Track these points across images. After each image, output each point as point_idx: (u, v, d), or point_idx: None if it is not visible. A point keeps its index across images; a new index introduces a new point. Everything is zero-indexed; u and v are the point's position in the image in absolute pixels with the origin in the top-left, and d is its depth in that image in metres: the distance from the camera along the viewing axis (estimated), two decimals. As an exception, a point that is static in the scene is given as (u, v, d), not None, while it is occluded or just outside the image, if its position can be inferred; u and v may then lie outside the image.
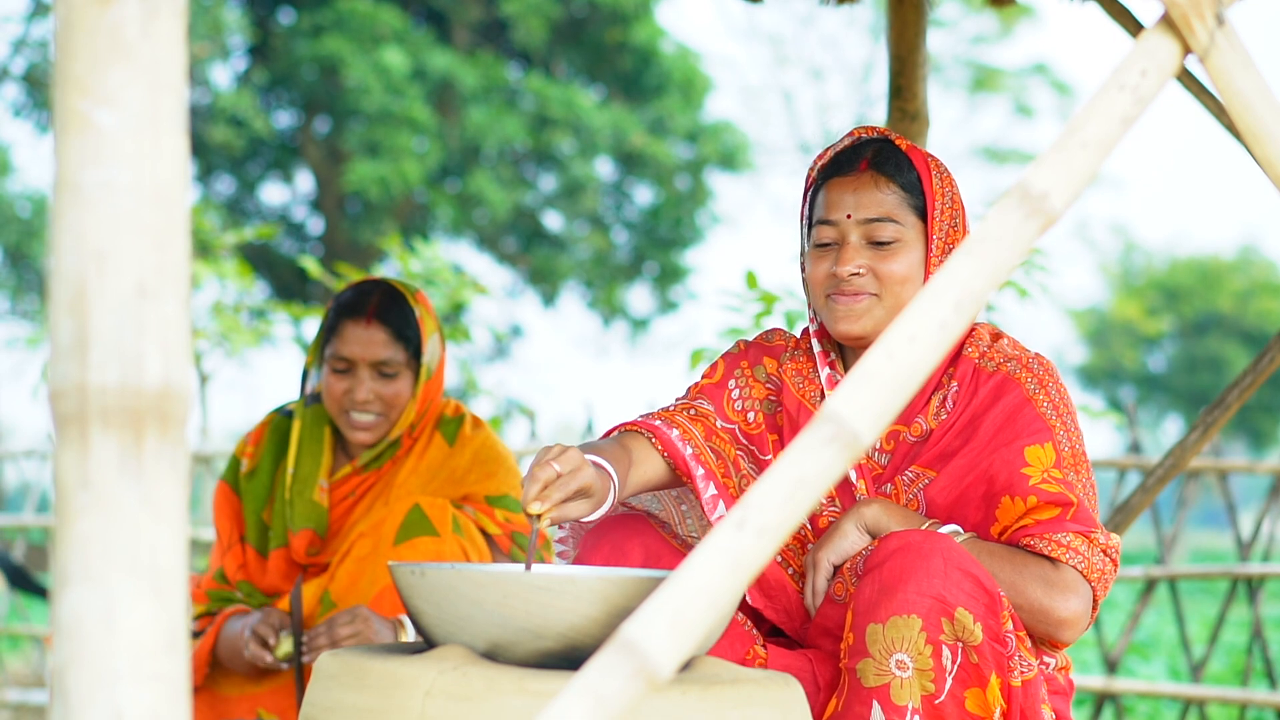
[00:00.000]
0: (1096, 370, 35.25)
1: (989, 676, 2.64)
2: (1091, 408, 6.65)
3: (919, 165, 2.91)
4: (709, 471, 2.91)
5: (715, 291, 6.38)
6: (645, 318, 21.21)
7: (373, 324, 3.63)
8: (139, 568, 1.47)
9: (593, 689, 1.57)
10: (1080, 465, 2.81)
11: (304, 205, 20.45)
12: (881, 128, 2.98)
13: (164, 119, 1.50)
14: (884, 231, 2.86)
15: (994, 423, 2.81)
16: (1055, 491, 2.75)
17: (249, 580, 3.70)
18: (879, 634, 2.64)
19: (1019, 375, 2.83)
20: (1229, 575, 7.12)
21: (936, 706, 2.63)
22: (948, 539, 2.68)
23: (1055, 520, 2.75)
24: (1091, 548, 2.75)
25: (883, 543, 2.72)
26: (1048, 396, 2.82)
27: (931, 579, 2.62)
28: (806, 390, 2.98)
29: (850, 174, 2.90)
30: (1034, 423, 2.79)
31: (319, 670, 2.34)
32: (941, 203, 2.89)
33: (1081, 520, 2.75)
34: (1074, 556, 2.74)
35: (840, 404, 1.68)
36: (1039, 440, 2.78)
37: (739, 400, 3.03)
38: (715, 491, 2.90)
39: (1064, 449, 2.78)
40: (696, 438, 2.94)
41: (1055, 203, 1.76)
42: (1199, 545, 27.69)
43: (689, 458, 2.90)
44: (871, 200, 2.87)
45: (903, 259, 2.86)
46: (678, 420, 2.96)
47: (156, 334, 1.48)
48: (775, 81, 33.16)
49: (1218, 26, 1.80)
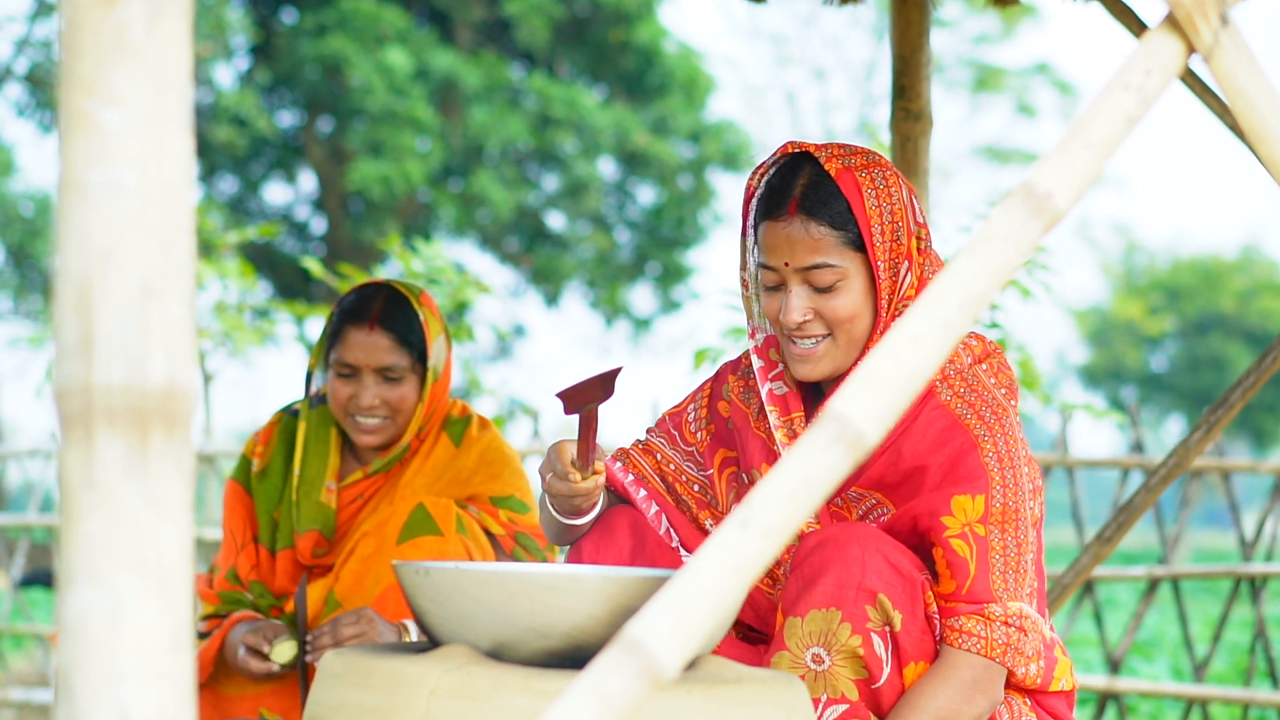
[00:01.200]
0: (1099, 370, 35.25)
1: (919, 661, 2.70)
2: (1094, 407, 6.66)
3: (849, 191, 2.79)
4: (651, 492, 3.06)
5: (718, 291, 6.40)
6: (648, 317, 21.23)
7: (376, 330, 3.62)
8: (144, 567, 1.47)
9: (597, 688, 1.57)
10: (1009, 524, 2.72)
11: (307, 205, 20.47)
12: (809, 144, 2.87)
13: (169, 119, 1.50)
14: (823, 278, 2.79)
15: (940, 468, 2.74)
16: (960, 555, 2.70)
17: (261, 581, 3.70)
18: (797, 627, 2.68)
19: (968, 421, 2.75)
20: (1232, 575, 7.12)
21: (875, 691, 2.68)
22: (866, 528, 2.70)
23: (951, 598, 2.71)
24: (990, 626, 2.70)
25: (805, 539, 2.74)
26: (994, 446, 2.73)
27: (849, 568, 2.64)
28: (752, 404, 2.99)
29: (781, 219, 2.81)
30: (973, 471, 2.72)
31: (324, 669, 2.35)
32: (880, 225, 2.80)
33: (975, 596, 2.70)
34: (972, 642, 2.70)
35: (844, 404, 1.68)
36: (971, 491, 2.71)
37: (694, 424, 3.09)
38: (658, 508, 3.03)
39: (995, 505, 2.71)
40: (645, 469, 3.09)
41: (1059, 202, 1.76)
42: (1201, 545, 27.70)
43: (629, 484, 3.05)
44: (804, 246, 2.78)
45: (845, 297, 2.79)
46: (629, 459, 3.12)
47: (161, 334, 1.48)
48: (778, 81, 33.20)
49: (1222, 26, 1.80)
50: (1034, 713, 2.81)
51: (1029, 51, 57.11)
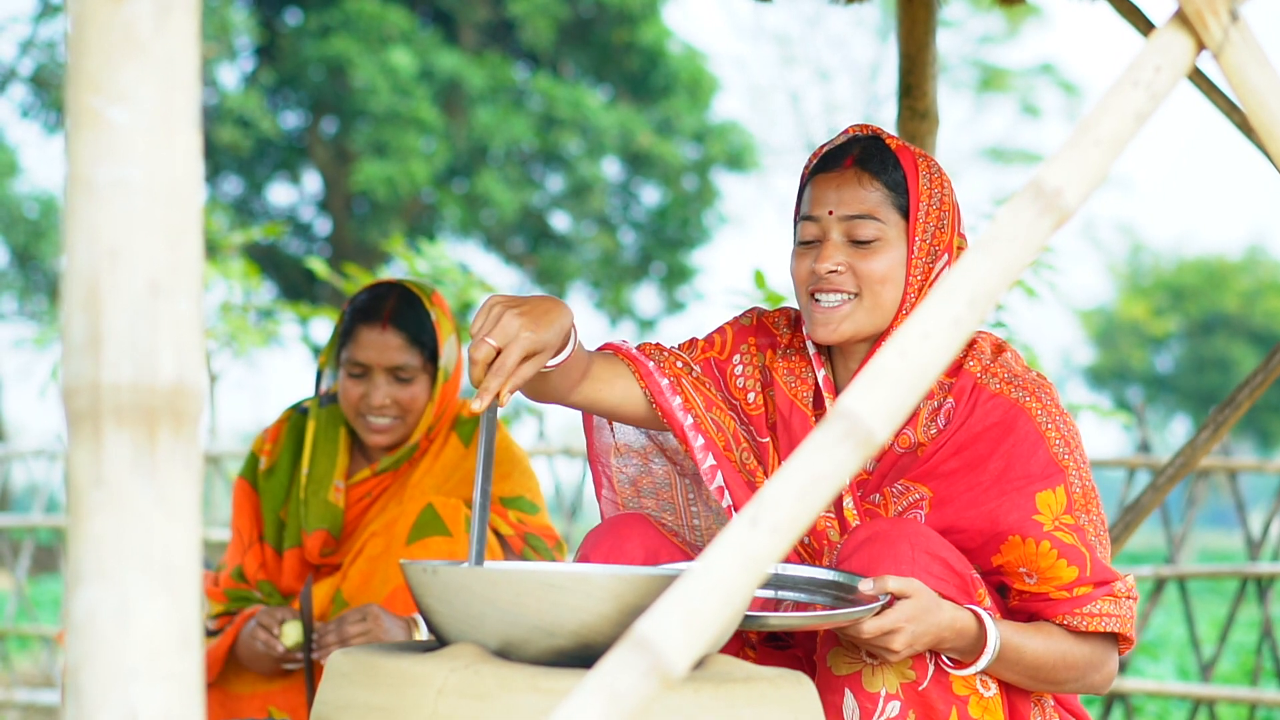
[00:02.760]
0: (1104, 371, 35.23)
1: None
2: (1100, 407, 6.64)
3: (906, 164, 2.84)
4: (708, 441, 2.87)
5: (722, 291, 6.39)
6: (652, 318, 21.23)
7: (388, 329, 3.62)
8: (152, 565, 1.46)
9: (607, 686, 1.56)
10: (1090, 503, 2.74)
11: (311, 206, 20.48)
12: (876, 127, 2.92)
13: (177, 116, 1.50)
14: (865, 229, 2.79)
15: (1004, 458, 2.73)
16: (1069, 543, 2.70)
17: (269, 579, 3.70)
18: None
19: (1028, 405, 2.75)
20: (1238, 575, 7.11)
21: (921, 693, 2.63)
22: (914, 524, 2.67)
23: (1077, 584, 2.70)
24: (1118, 603, 2.73)
25: (853, 534, 2.71)
26: (1059, 431, 2.74)
27: (899, 566, 2.61)
28: (799, 391, 2.92)
29: (835, 170, 2.84)
30: (1047, 466, 2.71)
31: (331, 668, 2.34)
32: (928, 204, 2.82)
33: (1099, 576, 2.71)
34: (1110, 621, 2.72)
35: (854, 402, 1.67)
36: (1050, 485, 2.71)
37: (741, 378, 2.98)
38: (714, 461, 2.86)
39: (1075, 491, 2.72)
40: (697, 406, 2.89)
41: (1069, 199, 1.75)
42: (1208, 545, 27.68)
43: (688, 428, 2.85)
44: (854, 197, 2.81)
45: (882, 258, 2.79)
46: (668, 369, 2.90)
47: (170, 331, 1.48)
48: (782, 81, 33.16)
49: (1231, 22, 1.80)
50: (1056, 712, 2.80)
51: (1033, 52, 57.15)
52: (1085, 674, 2.74)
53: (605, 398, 2.84)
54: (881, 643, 2.55)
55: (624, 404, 2.86)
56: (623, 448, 3.03)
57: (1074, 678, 2.73)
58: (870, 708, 2.62)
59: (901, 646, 2.55)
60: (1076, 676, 2.73)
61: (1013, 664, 2.66)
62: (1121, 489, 6.93)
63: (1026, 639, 2.68)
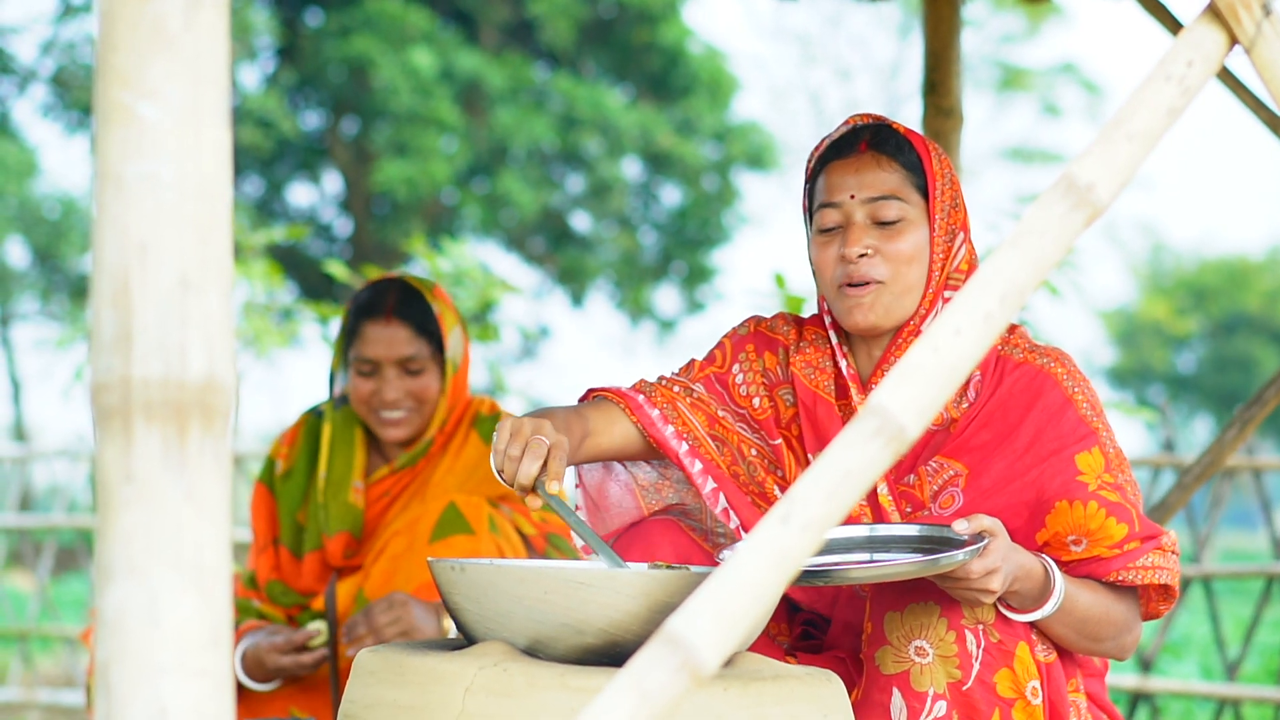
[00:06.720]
0: (1126, 371, 35.15)
1: (1014, 650, 2.63)
2: (1125, 405, 6.62)
3: (918, 146, 2.86)
4: (707, 464, 2.88)
5: (743, 292, 6.38)
6: (673, 318, 21.20)
7: (393, 322, 3.62)
8: (182, 562, 1.46)
9: (638, 683, 1.56)
10: (1123, 463, 2.76)
11: (332, 206, 20.49)
12: (875, 114, 2.93)
13: (206, 111, 1.50)
14: (889, 210, 2.80)
15: (1034, 424, 2.74)
16: (1115, 501, 2.70)
17: (283, 581, 3.69)
18: (897, 621, 2.64)
19: (1053, 370, 2.78)
20: (1263, 574, 7.07)
21: (965, 694, 2.62)
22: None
23: (1127, 541, 2.70)
24: (1165, 556, 2.73)
25: None
26: (1084, 395, 2.77)
27: None
28: (820, 381, 2.91)
29: (850, 155, 2.85)
30: (1079, 427, 2.73)
31: (358, 667, 2.34)
32: (942, 183, 2.84)
33: (1147, 531, 2.71)
34: (1161, 574, 2.72)
35: (885, 397, 1.67)
36: (1086, 446, 2.72)
37: (744, 385, 2.97)
38: (716, 484, 2.87)
39: (1109, 451, 2.74)
40: (696, 429, 2.90)
41: (1101, 194, 1.74)
42: (1232, 545, 27.59)
43: (684, 454, 2.87)
44: (874, 179, 2.82)
45: (909, 237, 2.80)
46: (659, 398, 2.91)
47: (199, 327, 1.48)
48: (802, 81, 33.16)
49: (1265, 16, 1.79)
50: (1090, 713, 2.79)
51: (1055, 51, 56.96)
52: (1120, 633, 2.75)
53: (607, 444, 2.87)
54: (983, 584, 2.54)
55: (626, 444, 2.89)
56: (645, 484, 3.04)
57: (1112, 635, 2.73)
58: (918, 707, 2.61)
59: (999, 586, 2.55)
60: (1114, 634, 2.74)
61: (1068, 613, 2.67)
62: (1147, 488, 6.90)
63: (1079, 590, 2.68)
